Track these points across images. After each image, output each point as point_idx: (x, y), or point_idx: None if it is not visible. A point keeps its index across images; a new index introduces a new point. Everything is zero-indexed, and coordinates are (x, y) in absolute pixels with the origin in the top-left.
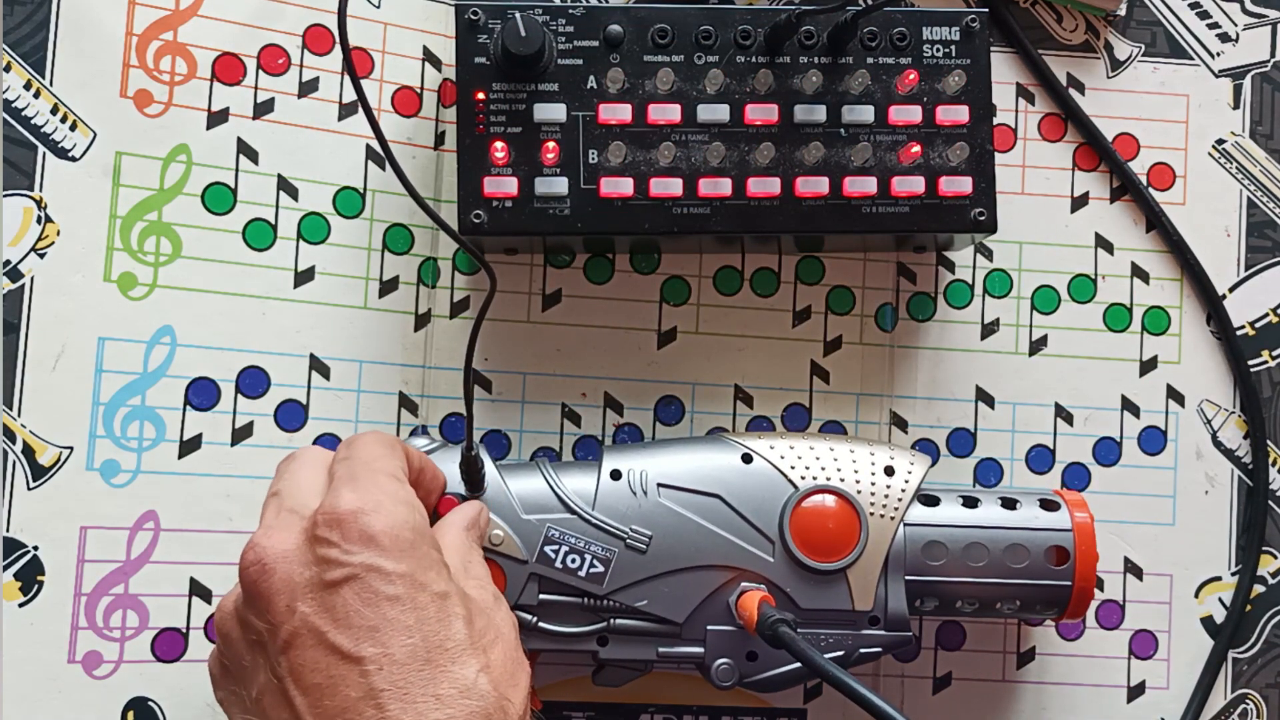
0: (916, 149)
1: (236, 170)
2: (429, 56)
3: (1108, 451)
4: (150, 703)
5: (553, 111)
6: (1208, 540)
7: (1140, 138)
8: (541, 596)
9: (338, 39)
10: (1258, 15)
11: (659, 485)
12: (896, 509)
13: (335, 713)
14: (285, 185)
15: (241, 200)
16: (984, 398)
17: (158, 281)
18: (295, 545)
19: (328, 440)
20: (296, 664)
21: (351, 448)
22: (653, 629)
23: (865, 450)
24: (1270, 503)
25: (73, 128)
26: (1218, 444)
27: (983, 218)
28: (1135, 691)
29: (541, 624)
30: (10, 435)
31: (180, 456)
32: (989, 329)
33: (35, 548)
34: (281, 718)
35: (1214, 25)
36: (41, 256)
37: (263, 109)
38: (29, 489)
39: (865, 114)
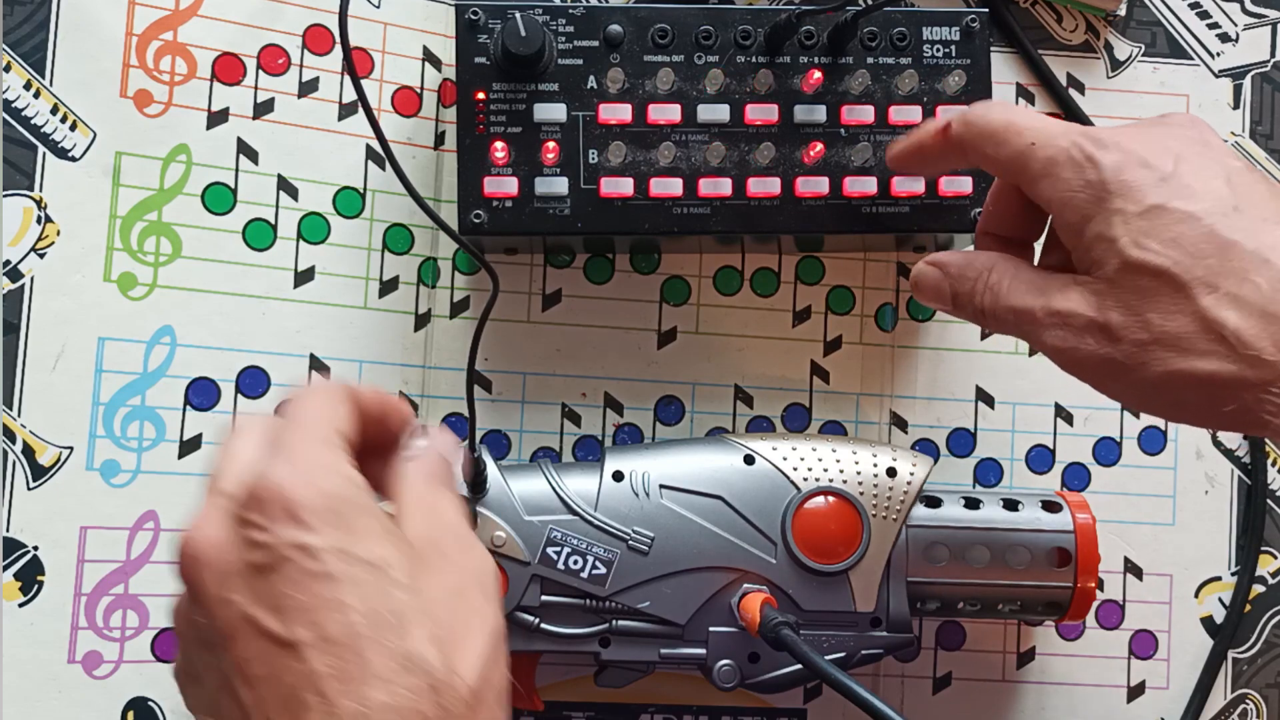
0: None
1: (236, 170)
2: (429, 56)
3: (1108, 451)
4: (150, 703)
5: (553, 111)
6: (1208, 540)
7: None
8: (544, 598)
9: (338, 39)
10: (1258, 15)
11: (661, 486)
12: (899, 510)
13: (280, 704)
14: (285, 185)
15: (241, 200)
16: (984, 398)
17: (158, 281)
18: (223, 532)
19: None
20: (239, 658)
21: (289, 408)
22: (655, 630)
23: (867, 451)
24: (1269, 502)
25: (73, 128)
26: (1217, 444)
27: None
28: (1135, 691)
29: (544, 625)
30: (10, 435)
31: (180, 456)
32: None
33: (35, 548)
34: (235, 714)
35: (1214, 25)
36: (41, 256)
37: (263, 109)
38: (29, 489)
39: (865, 114)
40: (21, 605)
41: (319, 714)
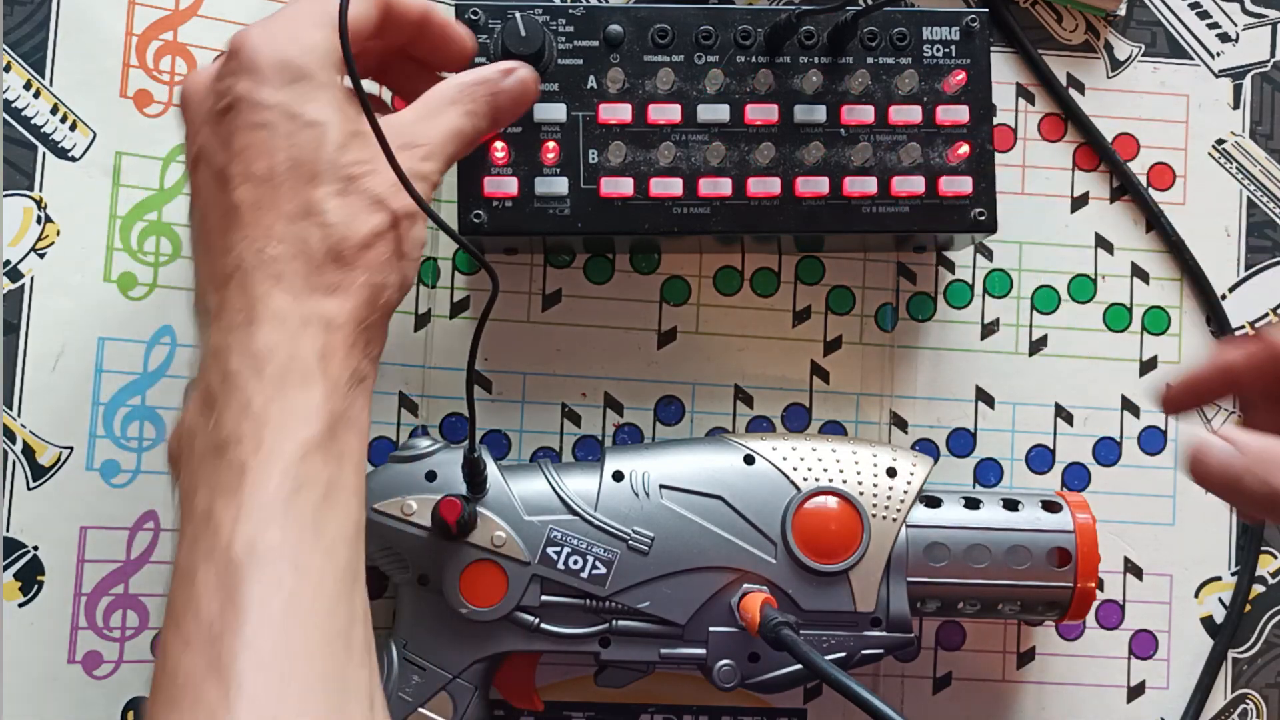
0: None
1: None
2: None
3: (1108, 451)
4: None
5: (553, 111)
6: (1207, 540)
7: (1140, 138)
8: (544, 598)
9: (339, 39)
10: (1258, 15)
11: (661, 486)
12: (899, 510)
13: (211, 228)
14: None
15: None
16: (984, 398)
17: (158, 281)
18: (206, 79)
19: None
20: (196, 186)
21: None
22: (655, 630)
23: (867, 451)
24: None
25: (73, 128)
26: None
27: (983, 218)
28: (1135, 691)
29: (544, 625)
30: (10, 435)
31: None
32: (989, 329)
33: (35, 548)
34: (193, 231)
35: (1214, 25)
36: (41, 256)
37: None
38: (29, 489)
39: (865, 114)
40: (21, 605)
41: (237, 234)
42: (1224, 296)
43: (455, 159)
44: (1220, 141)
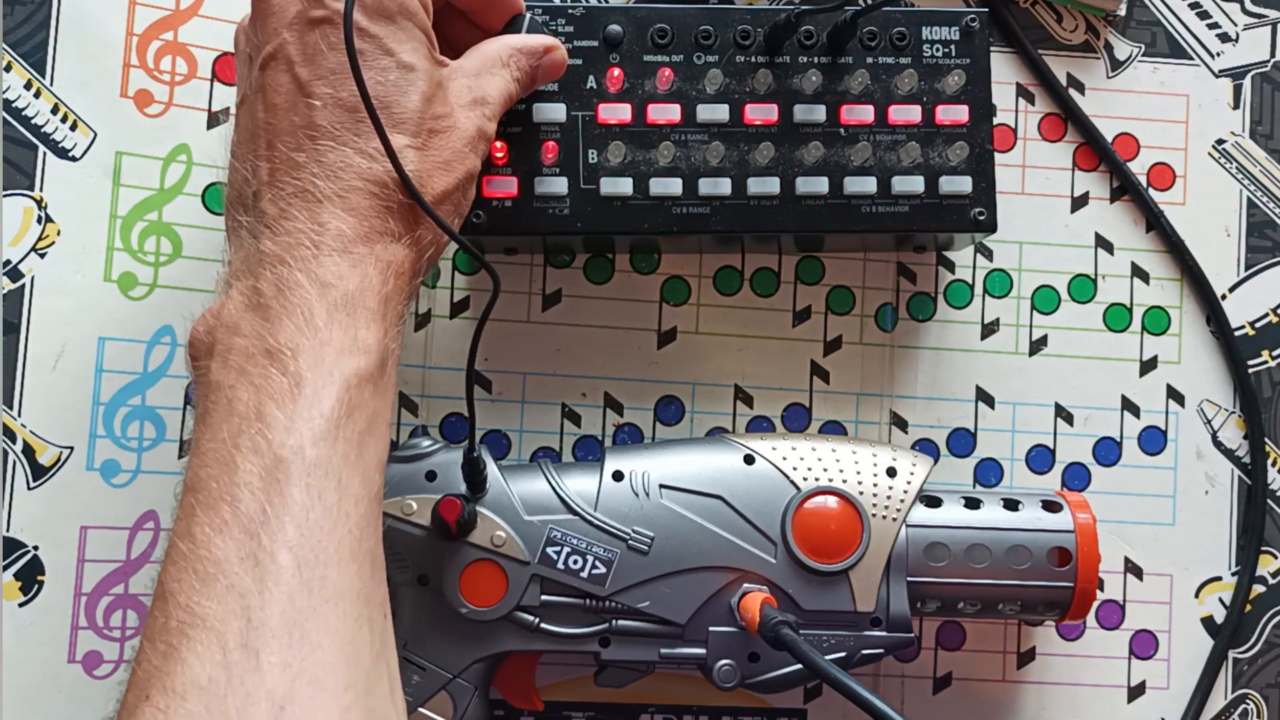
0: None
1: None
2: None
3: (1108, 451)
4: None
5: (552, 111)
6: (1208, 540)
7: (1140, 138)
8: (544, 598)
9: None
10: (1258, 15)
11: (661, 486)
12: (899, 510)
13: (281, 131)
14: None
15: None
16: (984, 398)
17: (158, 281)
18: None
19: None
20: (267, 83)
21: None
22: (655, 630)
23: (867, 451)
24: (1269, 502)
25: (73, 128)
26: (1218, 444)
27: (983, 218)
28: (1135, 691)
29: (544, 625)
30: (10, 435)
31: (180, 456)
32: (989, 329)
33: (35, 548)
34: (248, 125)
35: (1214, 25)
36: (41, 256)
37: None
38: (29, 489)
39: (865, 114)
40: (21, 605)
41: (309, 152)
42: (1224, 296)
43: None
44: (1220, 141)
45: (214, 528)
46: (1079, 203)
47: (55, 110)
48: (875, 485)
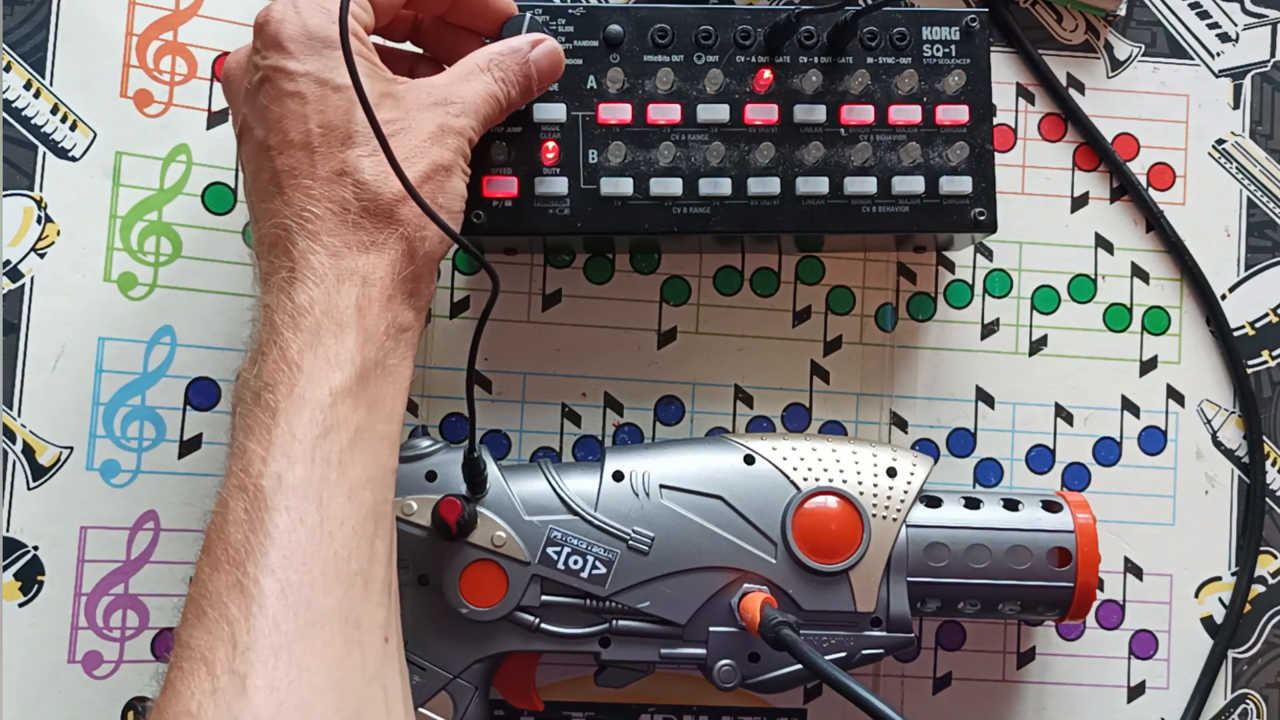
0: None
1: (237, 170)
2: None
3: (1108, 451)
4: (150, 703)
5: (552, 111)
6: (1208, 540)
7: (1140, 138)
8: (544, 598)
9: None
10: (1258, 15)
11: (661, 486)
12: (899, 510)
13: (258, 191)
14: None
15: (241, 200)
16: (984, 398)
17: (158, 281)
18: (244, 53)
19: None
20: (243, 157)
21: None
22: (655, 630)
23: (867, 451)
24: (1269, 502)
25: (73, 128)
26: (1218, 444)
27: (983, 218)
28: (1135, 691)
29: (544, 625)
30: (10, 435)
31: (180, 456)
32: (989, 329)
33: (35, 548)
34: (247, 202)
35: (1214, 25)
36: (41, 256)
37: None
38: (29, 489)
39: (865, 114)
40: (21, 605)
41: (279, 201)
42: (1224, 296)
43: (490, 123)
44: (1220, 141)
45: (210, 566)
46: (1079, 203)
47: (55, 110)
48: (875, 485)
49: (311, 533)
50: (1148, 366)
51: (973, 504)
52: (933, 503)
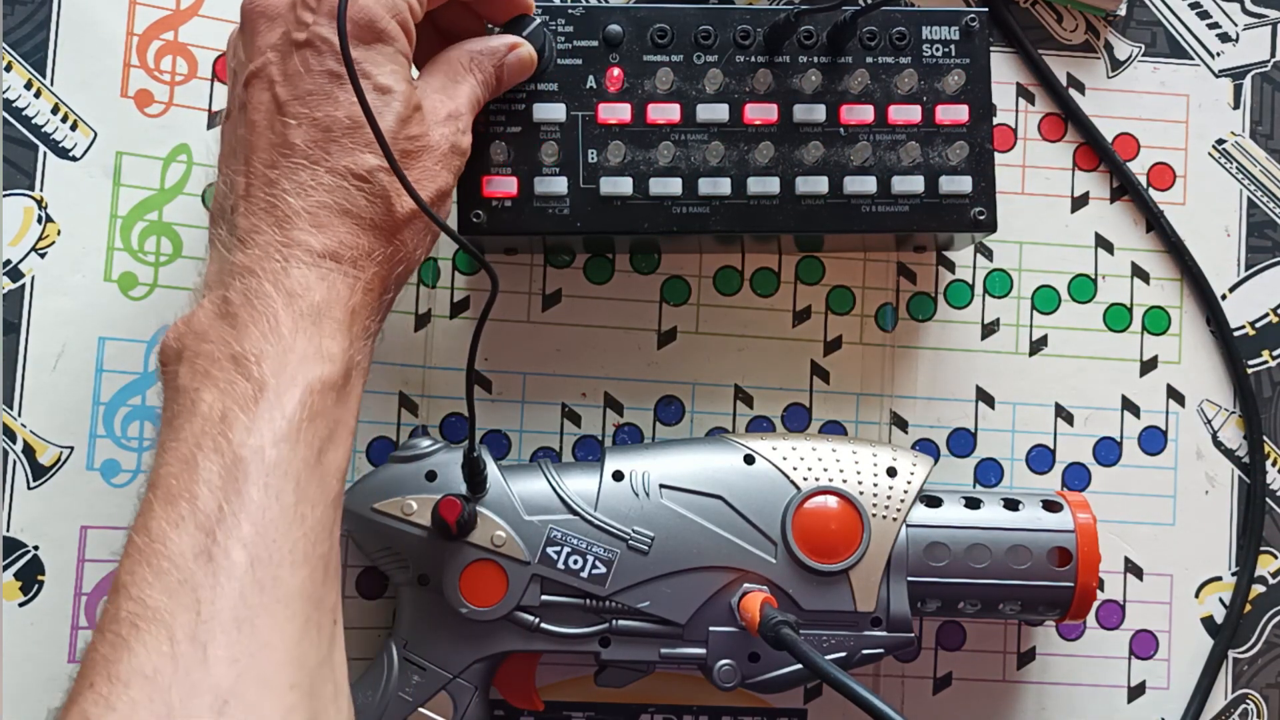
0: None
1: None
2: None
3: (1108, 451)
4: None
5: (552, 111)
6: (1208, 540)
7: (1140, 138)
8: (544, 598)
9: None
10: (1258, 15)
11: (661, 486)
12: (899, 510)
13: (258, 148)
14: None
15: None
16: (984, 398)
17: (158, 281)
18: (288, 2)
19: None
20: (249, 100)
21: None
22: (655, 630)
23: (867, 451)
24: (1269, 502)
25: (73, 127)
26: (1218, 444)
27: (983, 217)
28: (1135, 691)
29: (544, 625)
30: (10, 435)
31: None
32: (989, 329)
33: (35, 548)
34: (230, 140)
35: (1214, 25)
36: (42, 256)
37: None
38: (29, 489)
39: (865, 113)
40: (21, 605)
41: (283, 169)
42: (1224, 296)
43: None
44: (1220, 141)
45: (170, 523)
46: (1079, 203)
47: (55, 110)
48: (875, 485)
49: (286, 511)
50: (1148, 366)
51: (973, 504)
52: (933, 502)
